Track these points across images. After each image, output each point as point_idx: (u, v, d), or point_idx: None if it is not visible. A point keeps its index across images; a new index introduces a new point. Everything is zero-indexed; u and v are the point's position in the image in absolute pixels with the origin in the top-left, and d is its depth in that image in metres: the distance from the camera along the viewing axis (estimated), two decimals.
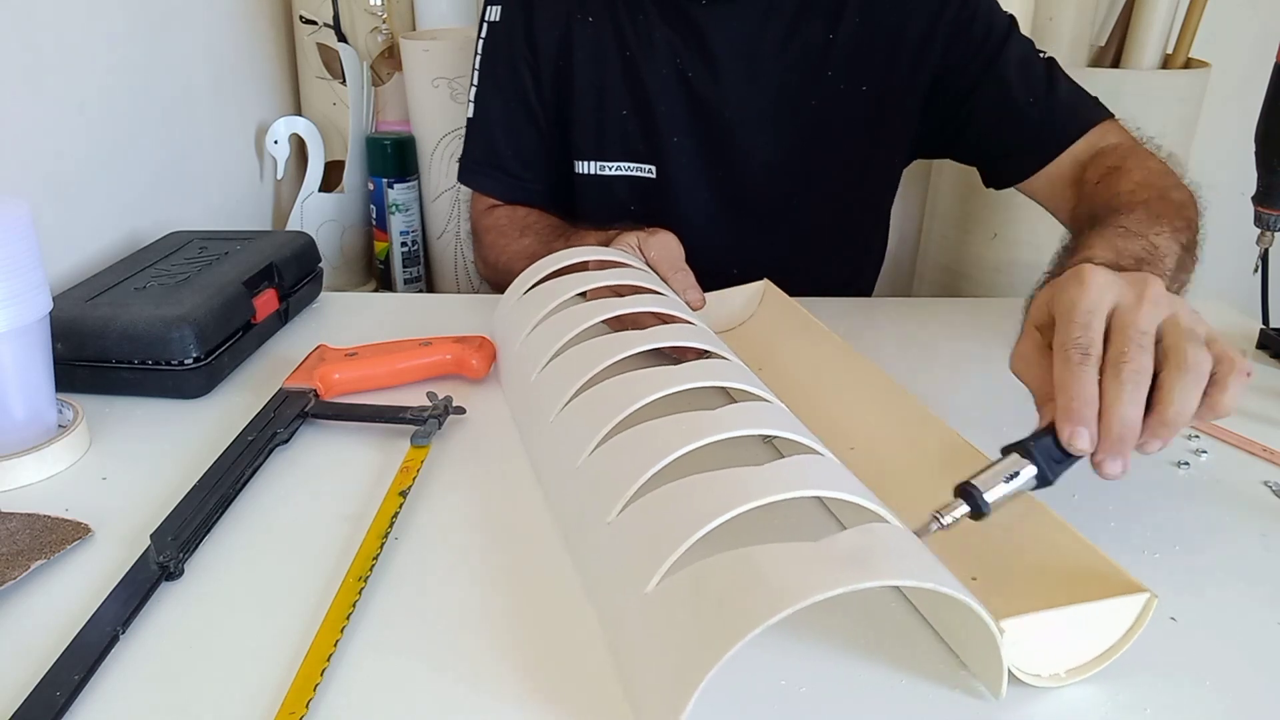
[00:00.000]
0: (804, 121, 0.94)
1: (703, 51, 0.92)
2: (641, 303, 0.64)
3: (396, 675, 0.43)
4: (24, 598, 0.48)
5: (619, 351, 0.57)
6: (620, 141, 0.96)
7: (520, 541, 0.53)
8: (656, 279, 0.71)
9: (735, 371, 0.56)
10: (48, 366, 0.61)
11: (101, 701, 0.42)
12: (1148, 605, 0.43)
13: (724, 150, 0.94)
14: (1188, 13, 1.27)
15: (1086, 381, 0.46)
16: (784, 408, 0.53)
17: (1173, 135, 1.27)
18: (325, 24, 1.36)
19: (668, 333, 0.60)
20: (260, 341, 0.77)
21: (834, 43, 0.91)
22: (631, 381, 0.53)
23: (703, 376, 0.53)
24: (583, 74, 0.94)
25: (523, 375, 0.64)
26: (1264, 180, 0.79)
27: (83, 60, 0.88)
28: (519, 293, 0.72)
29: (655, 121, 0.94)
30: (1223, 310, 0.89)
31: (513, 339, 0.68)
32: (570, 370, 0.58)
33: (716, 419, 0.48)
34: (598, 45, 0.94)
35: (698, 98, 0.93)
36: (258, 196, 1.30)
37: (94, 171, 0.89)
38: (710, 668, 0.35)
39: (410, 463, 0.60)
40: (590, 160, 0.97)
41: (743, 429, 0.47)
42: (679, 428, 0.48)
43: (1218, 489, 0.60)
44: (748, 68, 0.92)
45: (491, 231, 0.97)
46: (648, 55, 0.93)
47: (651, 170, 0.96)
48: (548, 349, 0.62)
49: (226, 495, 0.55)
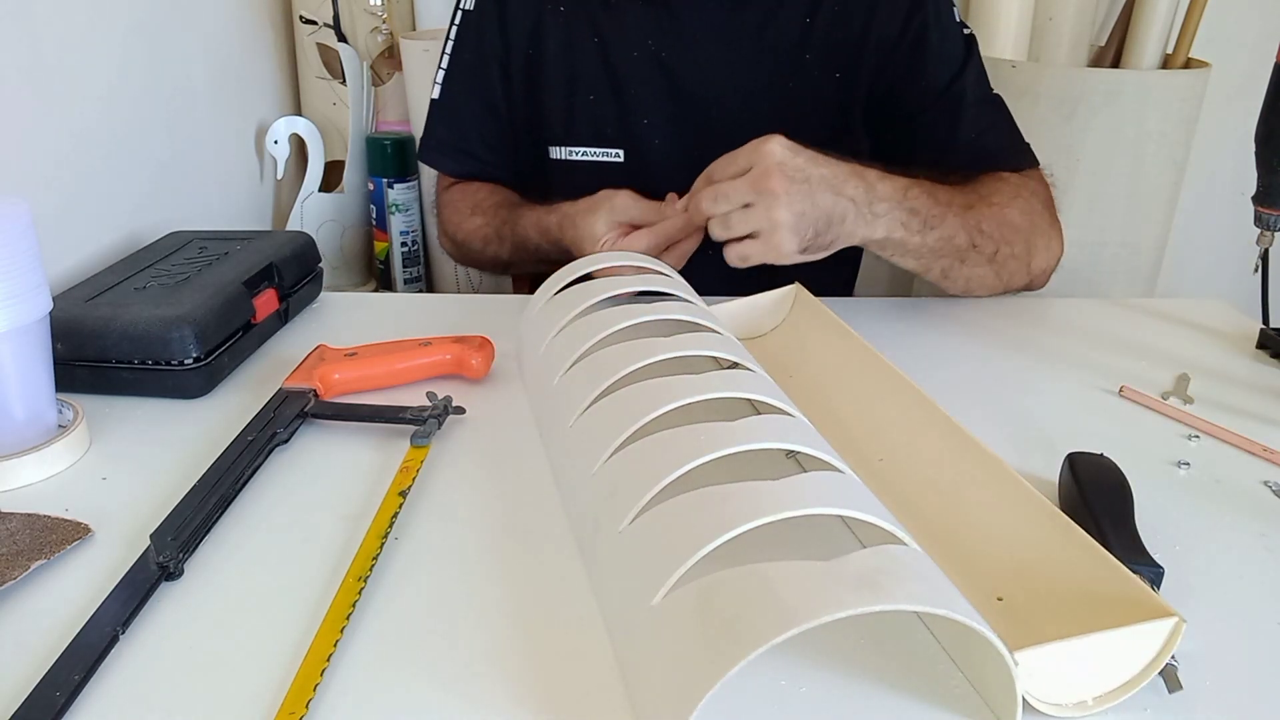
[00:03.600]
0: (781, 103, 0.94)
1: (678, 33, 0.92)
2: (667, 310, 0.63)
3: (396, 675, 0.43)
4: (24, 598, 0.48)
5: (639, 360, 0.56)
6: (590, 126, 0.96)
7: (520, 541, 0.53)
8: (683, 284, 0.70)
9: (758, 383, 0.55)
10: (48, 366, 0.61)
11: (101, 701, 0.42)
12: (1176, 630, 0.41)
13: (700, 131, 0.94)
14: (1188, 13, 1.27)
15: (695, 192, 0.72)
16: (806, 421, 0.52)
17: (1173, 135, 1.27)
18: (325, 24, 1.36)
19: (690, 341, 0.59)
20: (260, 341, 0.77)
21: (811, 27, 0.92)
22: (652, 390, 0.53)
23: (724, 387, 0.52)
24: (554, 63, 0.95)
25: (545, 379, 0.63)
26: (1264, 180, 0.79)
27: (83, 60, 0.88)
28: (546, 296, 0.71)
29: (626, 104, 0.94)
30: (1223, 310, 0.89)
31: (537, 343, 0.67)
32: (591, 376, 0.57)
33: (735, 431, 0.47)
34: (570, 33, 0.94)
35: (672, 78, 0.93)
36: (258, 196, 1.30)
37: (94, 171, 0.89)
38: (715, 683, 0.35)
39: (410, 463, 0.60)
40: (561, 146, 0.97)
41: (762, 442, 0.47)
42: (696, 438, 0.47)
43: (1218, 489, 0.60)
44: (725, 49, 0.93)
45: (447, 207, 1.02)
46: (620, 38, 0.93)
47: (619, 154, 0.96)
48: (568, 355, 0.61)
49: (226, 495, 0.55)
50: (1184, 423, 0.68)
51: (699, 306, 0.67)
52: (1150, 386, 0.73)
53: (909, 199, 0.75)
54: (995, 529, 0.50)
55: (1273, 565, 0.53)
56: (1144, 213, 1.32)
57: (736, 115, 0.94)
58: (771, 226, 0.69)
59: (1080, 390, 0.73)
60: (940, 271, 0.80)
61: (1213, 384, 0.74)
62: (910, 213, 0.74)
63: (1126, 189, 1.29)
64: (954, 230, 0.77)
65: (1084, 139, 1.26)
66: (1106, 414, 0.70)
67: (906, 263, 0.78)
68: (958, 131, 0.90)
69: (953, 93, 0.90)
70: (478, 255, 0.99)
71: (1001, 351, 0.80)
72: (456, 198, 1.01)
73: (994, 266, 0.81)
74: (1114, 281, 1.34)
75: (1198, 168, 1.40)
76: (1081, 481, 0.55)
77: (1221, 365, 0.78)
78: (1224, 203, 1.63)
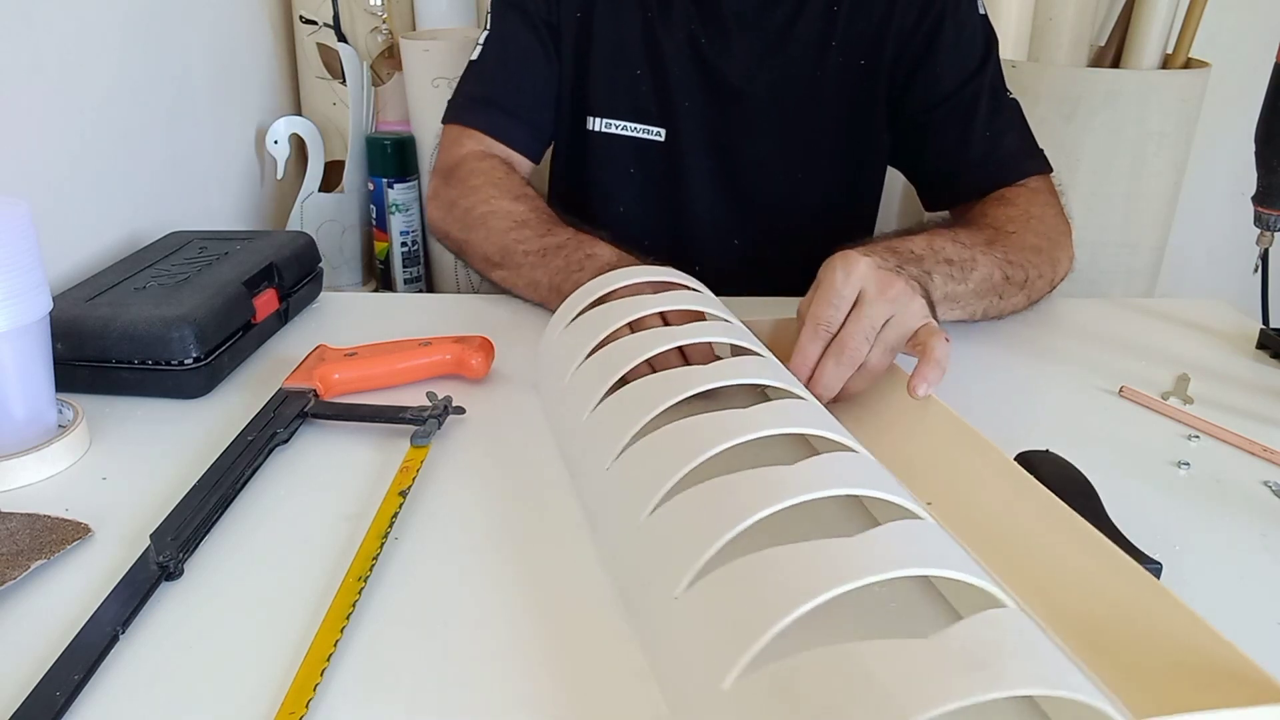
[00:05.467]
0: (808, 94, 0.94)
1: (716, 20, 0.93)
2: (706, 331, 0.61)
3: (396, 675, 0.43)
4: (24, 598, 0.48)
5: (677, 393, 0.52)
6: (631, 100, 0.95)
7: (520, 541, 0.53)
8: (716, 302, 0.67)
9: (817, 416, 0.51)
10: (48, 366, 0.61)
11: (101, 701, 0.41)
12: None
13: (731, 120, 0.95)
14: (1188, 13, 1.27)
15: (813, 351, 0.64)
16: (869, 456, 0.49)
17: (1173, 135, 1.27)
18: (325, 24, 1.36)
19: (734, 368, 0.55)
20: (260, 341, 0.77)
21: (836, 15, 0.92)
22: (696, 427, 0.48)
23: (777, 422, 0.48)
24: (603, 28, 0.94)
25: (571, 411, 0.59)
26: (1264, 180, 0.79)
27: (83, 60, 0.88)
28: (568, 317, 0.66)
29: (668, 84, 0.94)
30: (1223, 310, 0.89)
31: (563, 367, 0.63)
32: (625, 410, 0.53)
33: (801, 477, 0.43)
34: (620, 4, 0.93)
35: (709, 66, 0.93)
36: (258, 196, 1.30)
37: (94, 171, 0.89)
38: None
39: (410, 463, 0.60)
40: (600, 117, 0.96)
41: (832, 489, 0.42)
42: (752, 486, 0.43)
43: (1218, 489, 0.60)
44: (759, 38, 0.93)
45: (479, 175, 0.88)
46: (664, 19, 0.93)
47: (661, 134, 0.96)
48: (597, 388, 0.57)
49: (226, 495, 0.55)
50: (1184, 423, 0.68)
51: (737, 326, 0.64)
52: (1150, 386, 0.73)
53: (940, 251, 0.74)
54: (1066, 585, 0.47)
55: (1273, 565, 0.53)
56: (1144, 213, 1.32)
57: (766, 107, 0.94)
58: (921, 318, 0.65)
59: (1080, 390, 0.73)
60: (982, 312, 0.79)
61: (1213, 384, 0.74)
62: (947, 263, 0.73)
63: (1126, 189, 1.29)
64: (988, 269, 0.76)
65: (1084, 139, 1.26)
66: (1106, 414, 0.70)
67: (954, 314, 0.76)
68: (971, 132, 0.90)
69: (968, 91, 0.90)
70: (486, 234, 0.84)
71: (1001, 352, 0.80)
72: (498, 174, 0.88)
73: (1026, 291, 0.81)
74: (1114, 281, 1.34)
75: (1198, 168, 1.40)
76: (1045, 482, 0.52)
77: (1221, 365, 0.78)
78: (1224, 203, 1.63)
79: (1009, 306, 0.81)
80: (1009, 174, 0.89)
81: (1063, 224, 0.87)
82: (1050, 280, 0.84)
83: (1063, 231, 0.86)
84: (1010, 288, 0.79)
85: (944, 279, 0.73)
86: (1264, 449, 0.64)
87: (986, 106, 0.90)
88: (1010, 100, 0.92)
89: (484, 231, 0.84)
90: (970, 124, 0.90)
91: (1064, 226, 0.87)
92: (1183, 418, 0.68)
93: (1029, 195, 0.87)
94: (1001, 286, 0.78)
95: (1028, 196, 0.86)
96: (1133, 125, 1.26)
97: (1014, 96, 0.92)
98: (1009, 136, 0.91)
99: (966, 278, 0.75)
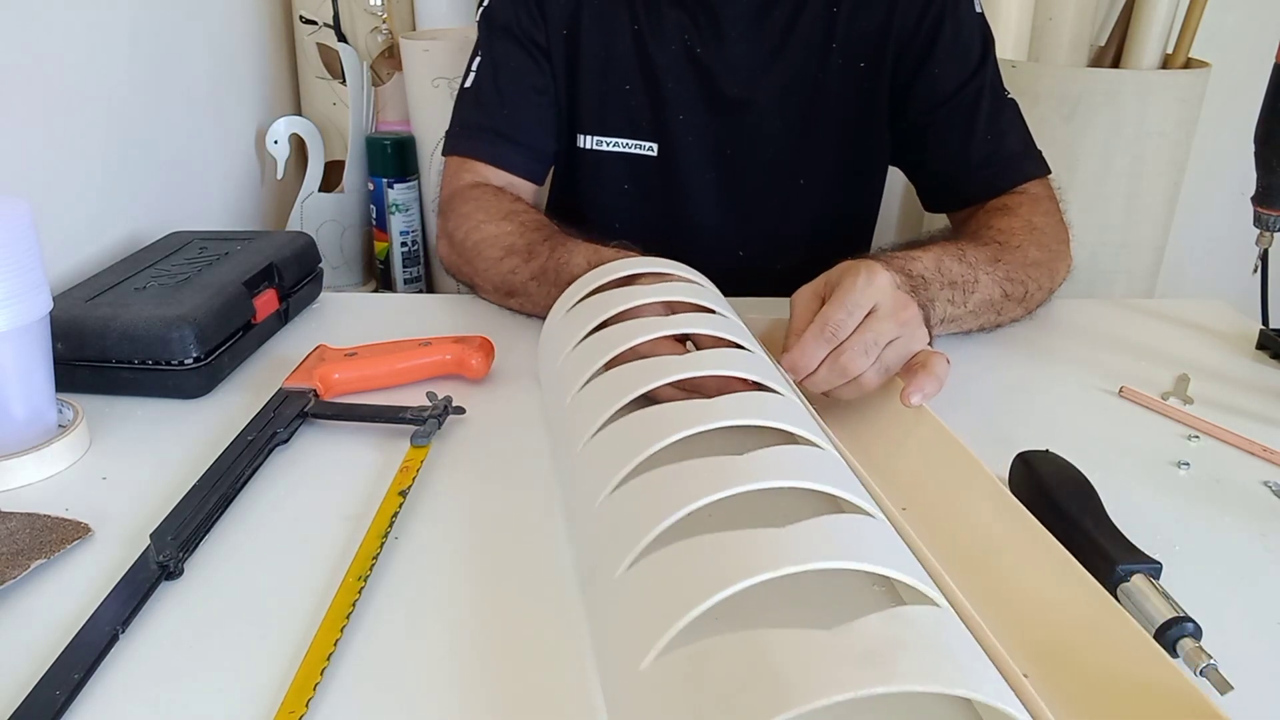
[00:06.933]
0: (810, 98, 0.94)
1: (713, 28, 0.92)
2: (697, 323, 0.60)
3: (396, 675, 0.43)
4: (24, 597, 0.48)
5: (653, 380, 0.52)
6: (623, 116, 0.95)
7: (520, 541, 0.53)
8: (714, 294, 0.67)
9: (790, 410, 0.51)
10: (48, 366, 0.61)
11: (101, 701, 0.42)
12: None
13: (732, 130, 0.94)
14: (1188, 13, 1.27)
15: (814, 350, 0.63)
16: (837, 456, 0.49)
17: (1173, 135, 1.27)
18: (325, 24, 1.36)
19: (718, 359, 0.55)
20: (260, 341, 0.77)
21: (837, 17, 0.92)
22: (670, 414, 0.48)
23: (752, 414, 0.48)
24: (590, 46, 0.93)
25: (561, 393, 0.59)
26: (1264, 180, 0.79)
27: (84, 60, 0.88)
28: (567, 305, 0.67)
29: (662, 98, 0.93)
30: (1223, 310, 0.89)
31: (556, 353, 0.63)
32: (607, 396, 0.53)
33: (756, 463, 0.43)
34: (606, 19, 0.93)
35: (706, 75, 0.93)
36: (258, 196, 1.30)
37: (94, 171, 0.89)
38: None
39: (410, 463, 0.60)
40: (591, 135, 0.96)
41: (783, 480, 0.43)
42: (703, 473, 0.43)
43: (1218, 489, 0.60)
44: (758, 44, 0.92)
45: (470, 202, 0.88)
46: (656, 31, 0.92)
47: (653, 148, 0.95)
48: (583, 371, 0.57)
49: (226, 495, 0.55)
50: (1184, 423, 0.68)
51: (732, 321, 0.63)
52: (1150, 387, 0.73)
53: (946, 273, 0.73)
54: (1026, 597, 0.47)
55: (1273, 565, 0.53)
56: (1144, 213, 1.32)
57: (768, 114, 0.94)
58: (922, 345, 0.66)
59: (1080, 390, 0.73)
60: (978, 328, 0.79)
61: (1213, 384, 0.74)
62: (951, 286, 0.73)
63: (1126, 189, 1.29)
64: (989, 290, 0.76)
65: (1084, 139, 1.26)
66: (1106, 414, 0.70)
67: (950, 330, 0.76)
68: (973, 135, 0.89)
69: (968, 92, 0.90)
70: (485, 265, 0.84)
71: (1001, 352, 0.80)
72: (488, 199, 0.88)
73: (1024, 305, 0.81)
74: (1114, 281, 1.34)
75: (1198, 168, 1.40)
76: (1046, 482, 0.53)
77: (1221, 365, 0.78)
78: (1224, 203, 1.63)
79: (1006, 320, 0.81)
80: (1011, 178, 0.88)
81: (1062, 232, 0.87)
82: (1049, 289, 0.84)
83: (1062, 240, 0.86)
84: (1009, 303, 0.79)
85: (945, 303, 0.72)
86: (1264, 449, 0.64)
87: (987, 108, 0.90)
88: (1009, 100, 0.92)
89: (482, 263, 0.85)
90: (972, 127, 0.89)
91: (1064, 235, 0.87)
92: (1183, 418, 0.68)
93: (1031, 204, 0.86)
94: (1000, 304, 0.78)
95: (1029, 205, 0.86)
96: (1132, 125, 1.26)
97: (1012, 95, 0.92)
98: (1010, 138, 0.90)
99: (966, 300, 0.74)
